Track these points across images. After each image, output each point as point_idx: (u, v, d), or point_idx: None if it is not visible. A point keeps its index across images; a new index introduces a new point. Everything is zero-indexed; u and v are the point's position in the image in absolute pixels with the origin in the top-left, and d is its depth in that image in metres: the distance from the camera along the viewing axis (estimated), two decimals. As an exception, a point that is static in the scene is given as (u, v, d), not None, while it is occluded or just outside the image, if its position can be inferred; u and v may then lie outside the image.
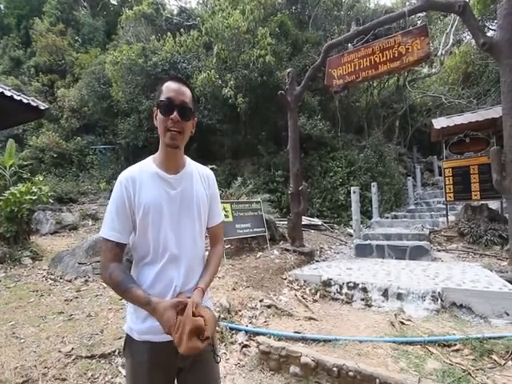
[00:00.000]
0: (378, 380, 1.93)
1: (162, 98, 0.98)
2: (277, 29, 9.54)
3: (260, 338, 2.50)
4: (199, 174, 1.11)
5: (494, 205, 6.12)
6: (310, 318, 3.05)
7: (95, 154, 12.04)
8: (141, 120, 9.82)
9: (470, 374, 2.07)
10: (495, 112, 6.15)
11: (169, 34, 10.52)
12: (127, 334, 1.02)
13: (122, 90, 10.03)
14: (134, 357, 1.00)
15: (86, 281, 3.68)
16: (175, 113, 0.96)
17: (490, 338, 2.41)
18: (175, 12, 13.87)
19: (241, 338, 2.70)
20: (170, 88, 0.99)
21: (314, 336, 2.63)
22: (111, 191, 1.03)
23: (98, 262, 3.92)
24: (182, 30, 11.08)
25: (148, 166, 1.03)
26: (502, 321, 2.77)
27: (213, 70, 8.51)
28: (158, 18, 12.65)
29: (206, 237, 1.20)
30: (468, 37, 14.59)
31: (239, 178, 6.33)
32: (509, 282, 3.21)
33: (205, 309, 0.94)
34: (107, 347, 2.33)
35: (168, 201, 1.01)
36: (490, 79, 12.28)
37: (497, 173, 3.93)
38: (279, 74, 8.59)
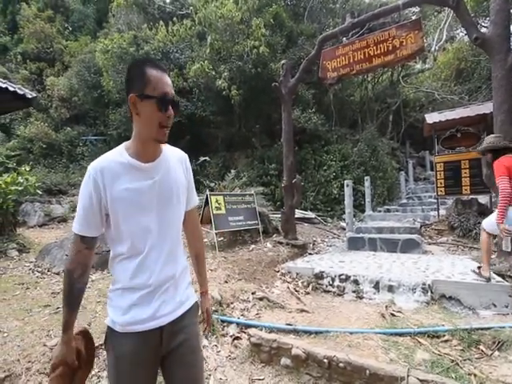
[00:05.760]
0: (367, 371, 1.94)
1: (156, 93, 0.90)
2: (271, 20, 9.37)
3: (251, 331, 2.49)
4: (177, 158, 1.08)
5: (483, 199, 6.21)
6: (302, 310, 3.06)
7: (86, 145, 11.77)
8: (132, 111, 9.60)
9: (457, 364, 2.10)
10: (486, 107, 6.21)
11: (161, 22, 10.24)
12: (109, 328, 0.99)
13: (112, 79, 9.76)
14: (117, 349, 0.97)
15: (75, 273, 3.60)
16: (170, 109, 0.93)
17: (477, 328, 2.45)
18: (168, 0, 13.51)
19: (232, 330, 2.69)
20: (162, 81, 0.91)
21: (305, 328, 2.63)
22: None
23: (87, 254, 3.83)
24: (174, 18, 10.80)
25: (120, 156, 0.97)
26: (489, 312, 2.82)
27: (206, 61, 8.34)
28: (150, 6, 12.30)
29: None
30: (461, 33, 14.66)
31: (233, 171, 6.27)
32: (496, 274, 3.27)
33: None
34: (95, 340, 2.27)
35: (145, 191, 0.96)
36: (481, 76, 12.38)
37: (487, 167, 3.97)
38: (274, 66, 8.47)
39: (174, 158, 1.07)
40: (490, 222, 3.07)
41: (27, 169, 5.15)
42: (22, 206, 6.27)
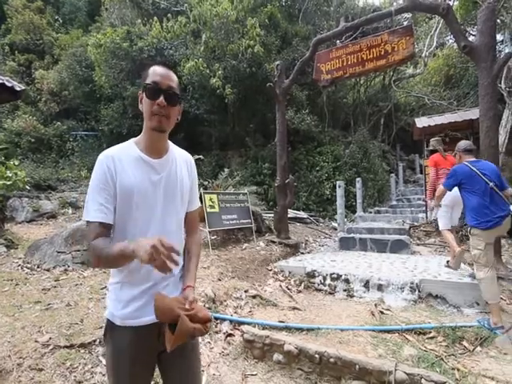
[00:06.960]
0: (357, 366, 2.00)
1: (148, 81, 0.95)
2: (266, 20, 9.40)
3: (244, 327, 2.52)
4: (182, 159, 1.11)
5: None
6: (294, 308, 3.11)
7: (76, 141, 11.53)
8: (125, 106, 9.48)
9: (442, 359, 2.19)
10: (473, 114, 6.42)
11: (155, 18, 10.13)
12: (108, 320, 1.00)
13: (105, 74, 9.61)
14: (116, 342, 0.98)
15: (66, 270, 3.55)
16: (161, 98, 0.94)
17: (461, 326, 2.56)
18: (163, -4, 13.35)
19: (225, 327, 2.71)
20: (156, 72, 0.96)
21: (297, 325, 2.68)
22: None
23: (78, 250, 3.79)
24: (169, 15, 10.69)
25: (130, 149, 1.00)
26: (473, 310, 2.93)
27: (201, 59, 8.31)
28: (144, 1, 12.13)
29: None
30: (451, 40, 15.02)
31: (226, 170, 6.28)
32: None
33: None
34: (87, 336, 2.26)
35: (152, 185, 0.99)
36: (469, 82, 12.73)
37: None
38: (268, 67, 8.51)
39: (180, 159, 1.10)
40: (441, 221, 3.81)
41: (16, 163, 5.03)
42: (10, 201, 6.12)
